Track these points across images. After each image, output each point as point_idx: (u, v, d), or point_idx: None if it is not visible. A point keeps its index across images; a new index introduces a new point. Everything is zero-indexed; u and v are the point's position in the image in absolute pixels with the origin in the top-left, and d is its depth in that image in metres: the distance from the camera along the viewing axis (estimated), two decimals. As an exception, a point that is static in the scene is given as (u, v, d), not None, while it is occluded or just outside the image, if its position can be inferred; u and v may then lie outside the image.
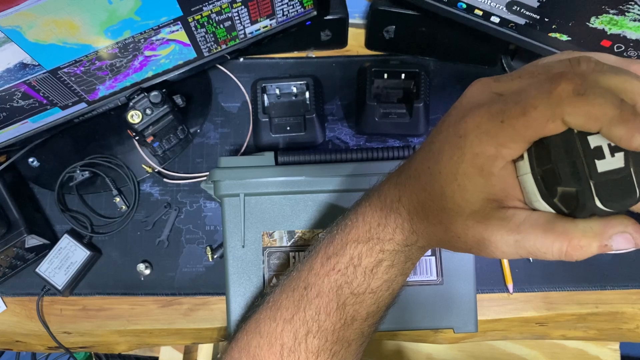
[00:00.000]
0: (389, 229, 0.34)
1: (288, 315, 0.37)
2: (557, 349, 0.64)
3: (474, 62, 0.70)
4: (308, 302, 0.37)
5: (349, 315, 0.37)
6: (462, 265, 0.50)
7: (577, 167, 0.23)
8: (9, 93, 0.49)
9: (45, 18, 0.42)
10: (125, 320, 0.64)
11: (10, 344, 0.66)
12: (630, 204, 0.23)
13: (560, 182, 0.24)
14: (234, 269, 0.51)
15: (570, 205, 0.25)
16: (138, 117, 0.58)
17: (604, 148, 0.23)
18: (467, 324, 0.50)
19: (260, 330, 0.38)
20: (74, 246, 0.62)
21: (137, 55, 0.53)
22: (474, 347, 0.65)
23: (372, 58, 0.71)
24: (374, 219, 0.35)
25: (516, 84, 0.28)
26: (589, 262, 0.63)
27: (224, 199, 0.52)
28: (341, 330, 0.37)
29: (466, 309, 0.50)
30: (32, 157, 0.66)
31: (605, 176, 0.23)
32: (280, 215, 0.51)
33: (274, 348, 0.37)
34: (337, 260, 0.36)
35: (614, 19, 0.46)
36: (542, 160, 0.25)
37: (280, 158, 0.52)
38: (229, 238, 0.52)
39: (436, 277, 0.50)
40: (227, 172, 0.51)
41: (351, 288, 0.36)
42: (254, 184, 0.51)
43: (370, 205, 0.35)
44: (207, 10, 0.52)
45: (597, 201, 0.23)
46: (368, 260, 0.35)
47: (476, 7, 0.54)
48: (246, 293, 0.51)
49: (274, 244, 0.51)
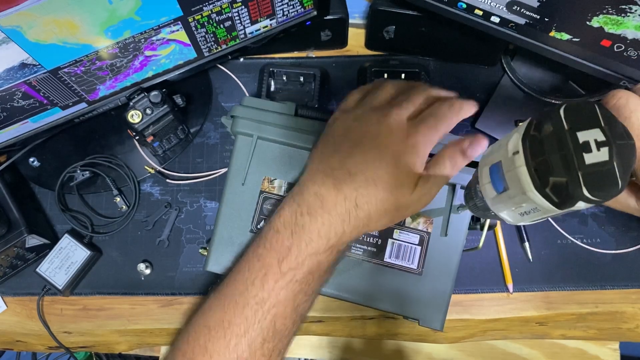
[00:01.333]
0: (346, 235, 0.40)
1: (240, 330, 0.39)
2: (557, 349, 0.64)
3: (474, 62, 0.70)
4: (264, 314, 0.39)
5: (299, 314, 0.41)
6: (445, 262, 0.50)
7: (568, 159, 0.26)
8: (10, 93, 0.49)
9: (45, 18, 0.42)
10: (126, 320, 0.64)
11: (10, 343, 0.66)
12: (614, 193, 0.26)
13: (552, 173, 0.27)
14: (229, 202, 0.52)
15: (560, 194, 0.27)
16: (138, 117, 0.58)
17: (591, 143, 0.26)
18: (434, 320, 0.50)
19: (209, 348, 0.39)
20: (75, 246, 0.62)
21: (137, 55, 0.53)
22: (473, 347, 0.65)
23: (372, 58, 0.71)
24: (332, 231, 0.39)
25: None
26: (589, 262, 0.63)
27: (238, 136, 0.53)
28: (293, 328, 0.41)
29: (437, 305, 0.50)
30: (32, 157, 0.66)
31: (592, 168, 0.26)
32: (285, 166, 0.52)
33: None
34: (294, 273, 0.39)
35: (614, 18, 0.46)
36: (535, 153, 0.28)
37: (301, 110, 0.53)
38: (232, 173, 0.53)
39: (417, 266, 0.51)
40: (247, 110, 0.52)
41: (306, 292, 0.40)
42: (269, 130, 0.52)
43: (317, 220, 0.39)
44: (207, 10, 0.52)
45: (585, 190, 0.26)
46: (325, 265, 0.40)
47: (476, 7, 0.54)
48: (232, 228, 0.52)
49: (272, 191, 0.52)
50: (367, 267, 0.51)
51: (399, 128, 0.40)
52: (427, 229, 0.51)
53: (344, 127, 0.43)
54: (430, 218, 0.51)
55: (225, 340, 0.38)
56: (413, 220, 0.51)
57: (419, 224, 0.51)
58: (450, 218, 0.51)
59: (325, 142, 0.44)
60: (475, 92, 0.69)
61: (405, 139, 0.40)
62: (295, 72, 0.66)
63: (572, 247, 0.63)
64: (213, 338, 0.39)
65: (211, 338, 0.39)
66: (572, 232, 0.63)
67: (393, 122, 0.41)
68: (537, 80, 0.67)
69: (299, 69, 0.66)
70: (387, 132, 0.40)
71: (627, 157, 0.26)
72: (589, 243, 0.63)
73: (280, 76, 0.66)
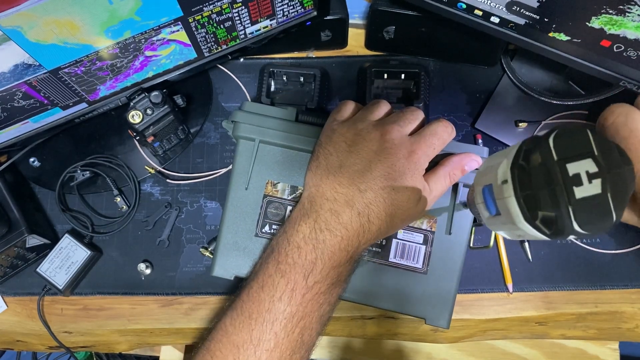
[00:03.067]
0: (361, 246, 0.43)
1: (270, 345, 0.40)
2: (556, 349, 0.64)
3: (474, 62, 0.70)
4: (292, 327, 0.40)
5: (323, 324, 0.43)
6: (450, 261, 0.51)
7: (557, 194, 0.25)
8: (10, 93, 0.49)
9: (46, 18, 0.42)
10: (126, 320, 0.64)
11: (11, 343, 0.66)
12: (608, 226, 0.24)
13: (540, 208, 0.25)
14: (233, 207, 0.53)
15: (550, 228, 0.26)
16: (139, 117, 0.58)
17: (582, 175, 0.24)
18: (440, 318, 0.50)
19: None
20: (75, 246, 0.62)
21: (137, 55, 0.53)
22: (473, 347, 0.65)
23: (372, 58, 0.71)
24: (350, 244, 0.42)
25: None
26: (589, 262, 0.63)
27: (240, 140, 0.53)
28: (317, 338, 0.43)
29: (443, 303, 0.50)
30: (33, 157, 0.66)
31: (583, 202, 0.24)
32: (288, 169, 0.52)
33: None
34: (320, 286, 0.41)
35: (613, 18, 0.46)
36: (524, 185, 0.26)
37: (301, 116, 0.53)
38: (235, 178, 0.53)
39: (422, 265, 0.51)
40: (248, 115, 0.53)
41: (330, 302, 0.42)
42: (271, 134, 0.52)
43: (337, 235, 0.42)
44: (207, 11, 0.52)
45: (576, 225, 0.24)
46: (345, 275, 0.43)
47: (476, 7, 0.54)
48: (237, 233, 0.52)
49: (276, 194, 0.52)
50: (372, 267, 0.51)
51: (402, 144, 0.42)
52: (431, 228, 0.51)
53: (346, 141, 0.44)
54: (434, 217, 0.51)
55: (255, 356, 0.40)
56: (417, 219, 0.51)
57: (423, 223, 0.51)
58: (454, 216, 0.51)
59: (327, 154, 0.45)
60: (475, 92, 0.69)
61: (408, 155, 0.42)
62: (295, 72, 0.66)
63: (572, 247, 0.63)
64: (243, 356, 0.40)
65: (240, 356, 0.40)
66: (571, 232, 0.63)
67: (396, 138, 0.43)
68: (537, 80, 0.67)
69: (299, 69, 0.66)
70: (391, 149, 0.42)
71: (622, 186, 0.24)
72: (589, 243, 0.63)
73: (280, 76, 0.66)
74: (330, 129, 0.46)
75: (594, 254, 0.63)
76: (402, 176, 0.42)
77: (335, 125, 0.46)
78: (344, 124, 0.46)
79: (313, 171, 0.45)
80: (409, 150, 0.42)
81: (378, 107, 0.47)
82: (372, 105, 0.47)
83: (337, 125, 0.46)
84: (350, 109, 0.48)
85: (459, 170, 0.46)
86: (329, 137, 0.46)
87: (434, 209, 0.51)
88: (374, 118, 0.46)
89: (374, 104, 0.48)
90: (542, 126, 0.66)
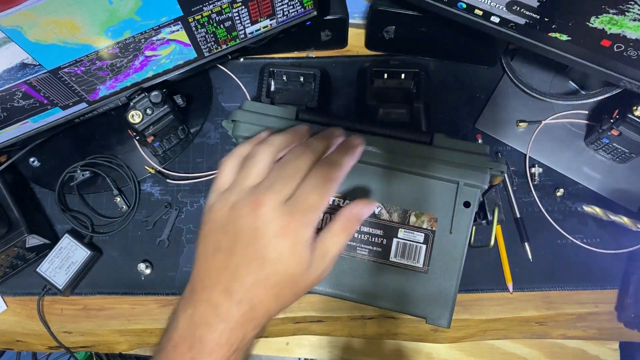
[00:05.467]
0: (249, 334, 0.38)
1: None
2: (556, 349, 0.64)
3: (474, 62, 0.70)
4: None
5: None
6: (451, 260, 0.50)
7: None
8: (10, 93, 0.49)
9: (45, 18, 0.42)
10: (126, 320, 0.64)
11: (11, 343, 0.66)
12: None
13: None
14: None
15: None
16: (139, 117, 0.58)
17: None
18: (441, 317, 0.50)
19: None
20: (75, 246, 0.62)
21: (137, 55, 0.53)
22: (473, 347, 0.65)
23: (372, 58, 0.71)
24: (232, 337, 0.37)
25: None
26: (589, 262, 0.63)
27: (240, 140, 0.53)
28: None
29: (443, 302, 0.50)
30: (32, 157, 0.66)
31: None
32: None
33: None
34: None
35: (614, 18, 0.46)
36: None
37: (301, 115, 0.53)
38: None
39: (422, 264, 0.50)
40: (248, 114, 0.52)
41: None
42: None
43: (215, 330, 0.37)
44: (207, 11, 0.52)
45: None
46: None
47: (476, 7, 0.54)
48: None
49: None
50: (372, 266, 0.51)
51: (273, 220, 0.37)
52: (431, 227, 0.51)
53: (220, 220, 0.40)
54: (435, 216, 0.51)
55: None
56: (417, 218, 0.51)
57: (424, 223, 0.51)
58: (455, 215, 0.51)
59: (205, 236, 0.40)
60: (475, 92, 0.69)
61: (286, 226, 0.37)
62: (295, 72, 0.66)
63: (572, 247, 0.63)
64: None
65: None
66: (572, 232, 0.63)
67: (267, 213, 0.37)
68: (537, 80, 0.67)
69: (299, 69, 0.66)
70: (262, 227, 0.37)
71: None
72: (589, 243, 0.63)
73: (280, 76, 0.66)
74: (208, 206, 0.42)
75: (594, 254, 0.63)
76: (279, 254, 0.37)
77: (214, 197, 0.42)
78: (221, 197, 0.41)
79: (197, 252, 0.41)
80: (281, 225, 0.37)
81: (256, 162, 0.40)
82: (250, 159, 0.41)
83: (215, 198, 0.42)
84: (230, 171, 0.42)
85: (355, 221, 0.41)
86: (207, 217, 0.41)
87: (435, 208, 0.51)
88: (248, 184, 0.40)
89: (252, 155, 0.41)
90: (542, 126, 0.66)
